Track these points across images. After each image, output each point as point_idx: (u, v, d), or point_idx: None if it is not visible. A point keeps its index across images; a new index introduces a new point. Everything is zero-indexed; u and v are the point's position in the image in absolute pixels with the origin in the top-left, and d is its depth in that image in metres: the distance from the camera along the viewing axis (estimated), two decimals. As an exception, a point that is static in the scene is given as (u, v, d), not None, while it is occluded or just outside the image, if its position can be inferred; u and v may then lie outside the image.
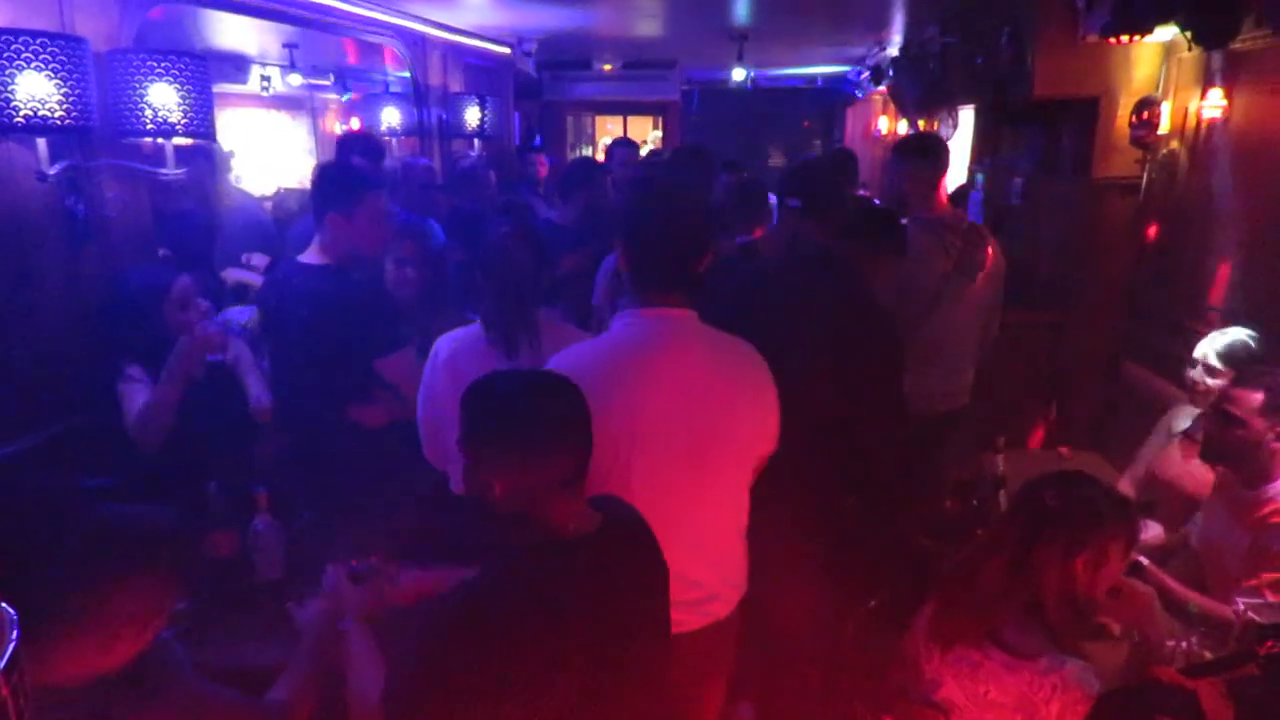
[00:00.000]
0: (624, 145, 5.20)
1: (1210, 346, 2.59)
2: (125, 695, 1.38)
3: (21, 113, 2.12)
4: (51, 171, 2.29)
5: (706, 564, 1.87)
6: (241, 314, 2.99)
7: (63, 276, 2.42)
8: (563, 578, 1.36)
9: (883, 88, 7.42)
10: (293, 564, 2.20)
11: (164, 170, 2.59)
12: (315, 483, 2.44)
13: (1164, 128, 3.63)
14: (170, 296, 2.40)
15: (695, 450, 1.78)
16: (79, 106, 2.21)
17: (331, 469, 2.39)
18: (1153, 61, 3.79)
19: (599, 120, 11.30)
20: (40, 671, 1.31)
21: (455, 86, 5.40)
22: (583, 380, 1.46)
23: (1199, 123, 3.46)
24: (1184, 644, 1.84)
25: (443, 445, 2.15)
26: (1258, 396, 2.05)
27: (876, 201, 5.06)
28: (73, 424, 2.33)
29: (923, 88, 5.83)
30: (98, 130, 2.37)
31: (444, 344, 2.16)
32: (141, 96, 2.42)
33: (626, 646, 1.41)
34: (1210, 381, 2.55)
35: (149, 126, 2.45)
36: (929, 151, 3.15)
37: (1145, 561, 2.06)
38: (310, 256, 2.53)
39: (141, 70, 2.41)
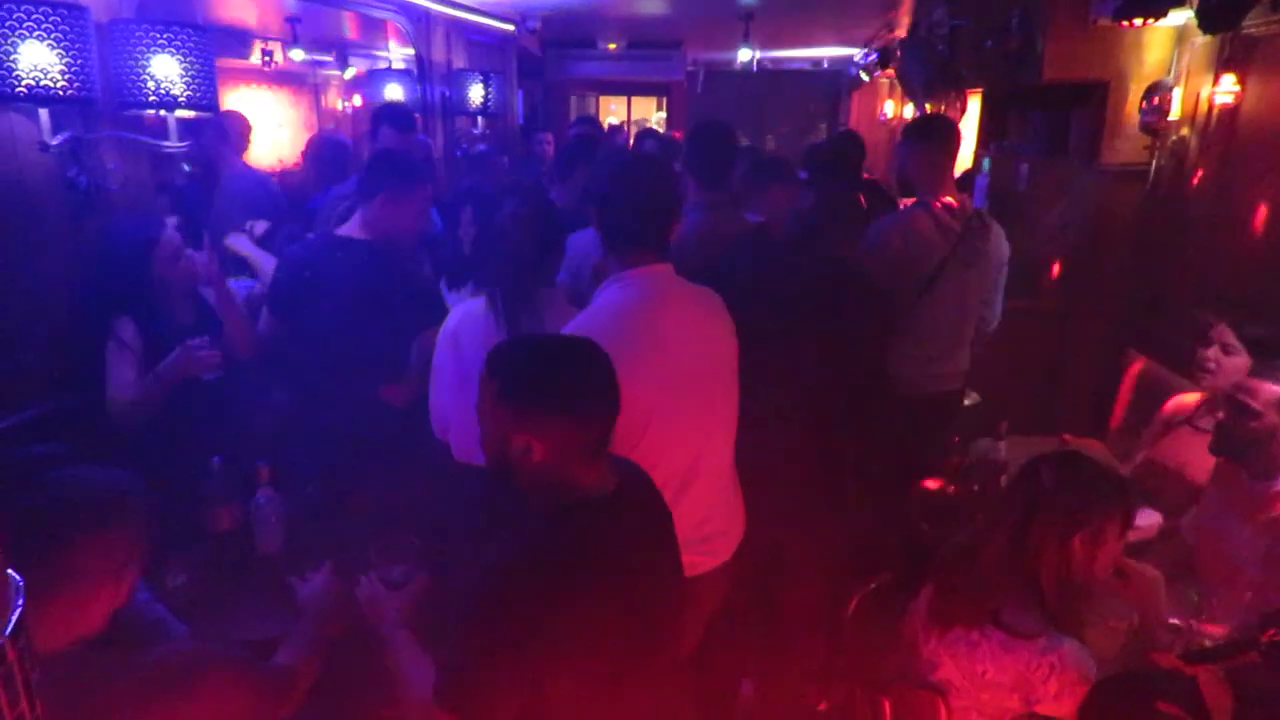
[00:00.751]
0: (585, 123, 5.15)
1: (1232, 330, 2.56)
2: (104, 655, 1.39)
3: (24, 82, 2.09)
4: (54, 142, 2.27)
5: (718, 502, 2.03)
6: (239, 287, 2.97)
7: (64, 248, 2.41)
8: (598, 536, 1.37)
9: (889, 71, 7.36)
10: (293, 538, 2.21)
11: (167, 143, 2.57)
12: (326, 456, 2.45)
13: (1175, 113, 3.60)
14: (160, 248, 2.37)
15: (704, 388, 1.94)
16: (81, 77, 2.18)
17: (346, 443, 2.40)
18: (1164, 46, 3.76)
19: (603, 100, 11.23)
20: None
21: (459, 63, 5.35)
22: (603, 340, 1.53)
23: (1211, 108, 3.43)
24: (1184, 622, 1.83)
25: (443, 410, 2.20)
26: (1275, 389, 2.04)
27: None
28: (77, 395, 2.32)
29: (930, 71, 5.77)
30: (100, 101, 2.34)
31: (455, 313, 2.21)
32: (144, 68, 2.39)
33: (655, 596, 1.44)
34: (1225, 360, 2.53)
35: (151, 98, 2.42)
36: (937, 134, 3.12)
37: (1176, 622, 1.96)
38: (352, 231, 2.57)
39: (144, 41, 2.38)
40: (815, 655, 2.43)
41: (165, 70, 2.41)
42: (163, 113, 2.50)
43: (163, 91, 2.42)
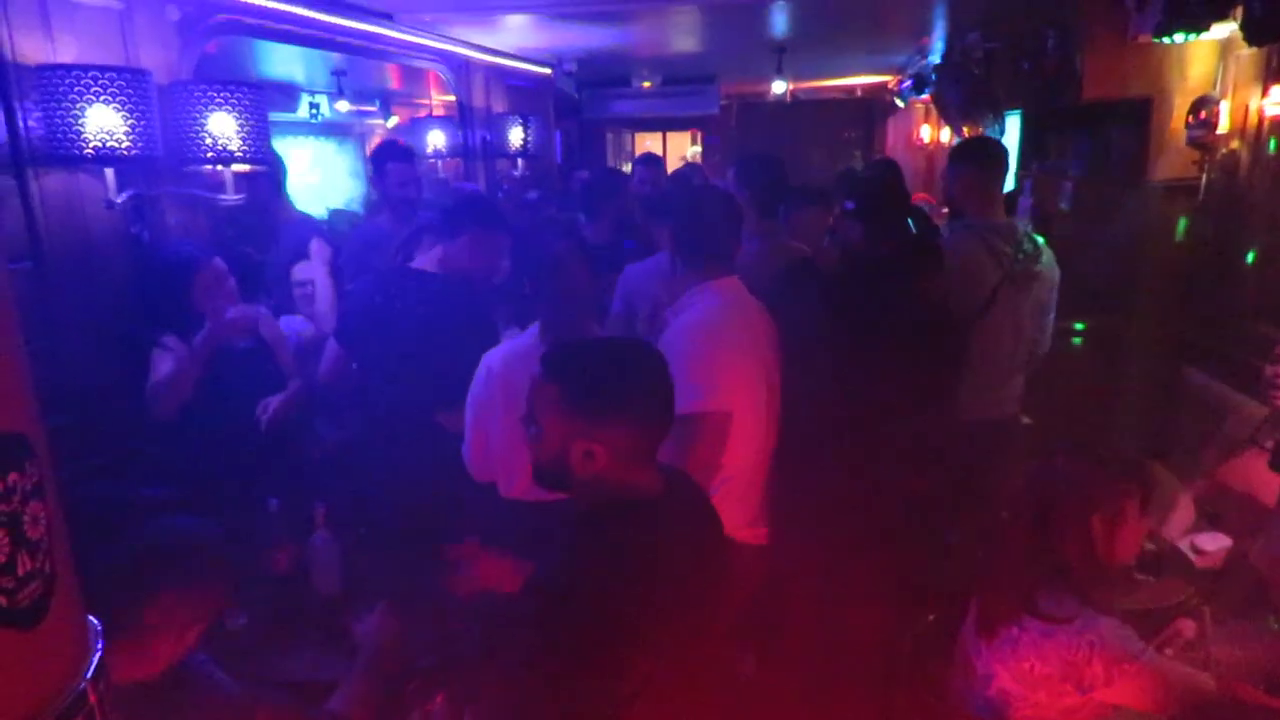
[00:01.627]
0: (649, 162, 5.20)
1: None
2: (158, 700, 1.41)
3: (91, 144, 2.20)
4: (119, 200, 2.38)
5: (768, 488, 2.30)
6: (289, 328, 3.03)
7: (126, 301, 2.50)
8: (653, 534, 1.37)
9: (925, 96, 7.35)
10: (350, 579, 2.23)
11: (224, 196, 2.67)
12: (390, 489, 2.49)
13: (1223, 127, 3.53)
14: (202, 275, 2.44)
15: (769, 384, 2.24)
16: (145, 137, 2.29)
17: (411, 475, 2.43)
18: (1208, 60, 3.70)
19: (638, 137, 11.38)
20: None
21: (498, 107, 5.48)
22: (711, 339, 2.08)
23: (1261, 121, 3.36)
24: None
25: (491, 456, 2.22)
26: None
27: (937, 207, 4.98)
28: (136, 443, 2.39)
29: (966, 94, 5.75)
30: (161, 159, 2.45)
31: (495, 357, 2.22)
32: (202, 126, 2.50)
33: (704, 595, 1.43)
34: None
35: (209, 155, 2.53)
36: (982, 156, 3.10)
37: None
38: (428, 264, 2.66)
39: (202, 100, 2.49)
40: (873, 690, 2.37)
41: (222, 127, 2.51)
42: (220, 167, 2.61)
43: (220, 147, 2.52)
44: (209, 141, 2.51)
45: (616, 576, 1.30)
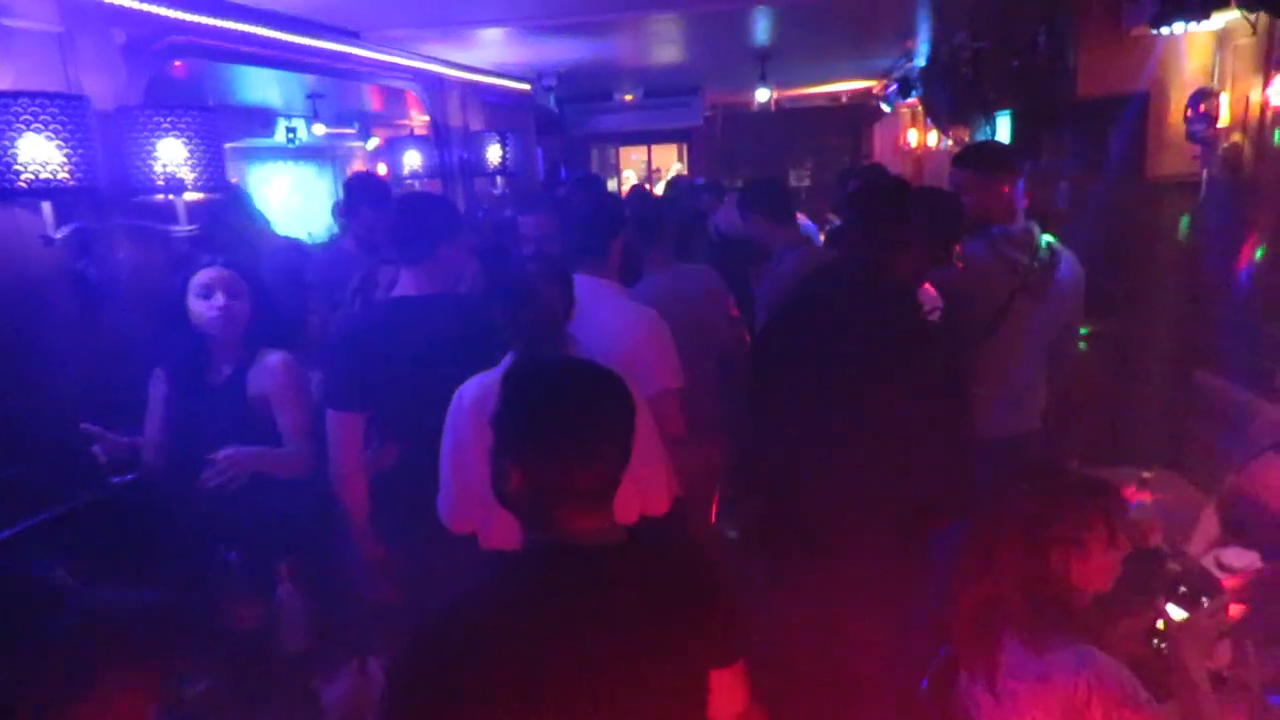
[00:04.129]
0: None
1: None
2: None
3: (24, 176, 2.06)
4: (58, 235, 2.23)
5: None
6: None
7: (73, 343, 2.34)
8: (557, 586, 1.22)
9: (911, 100, 7.25)
10: (318, 634, 2.08)
11: (176, 227, 2.52)
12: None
13: (1224, 120, 3.41)
14: (193, 284, 2.17)
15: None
16: (84, 167, 2.15)
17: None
18: (1205, 51, 3.58)
19: (623, 151, 11.29)
20: None
21: (476, 125, 5.36)
22: None
23: (1263, 112, 3.24)
24: None
25: (468, 496, 2.03)
26: None
27: None
28: (82, 499, 2.23)
29: (955, 96, 5.65)
30: (107, 190, 2.31)
31: (470, 388, 2.05)
32: (150, 153, 2.36)
33: (627, 686, 1.21)
34: None
35: (159, 183, 2.39)
36: (982, 160, 2.94)
37: None
38: (411, 289, 2.36)
39: (148, 126, 2.36)
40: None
41: (171, 154, 2.37)
42: (171, 196, 2.46)
43: (170, 174, 2.37)
44: (158, 169, 2.37)
45: (489, 622, 1.19)
